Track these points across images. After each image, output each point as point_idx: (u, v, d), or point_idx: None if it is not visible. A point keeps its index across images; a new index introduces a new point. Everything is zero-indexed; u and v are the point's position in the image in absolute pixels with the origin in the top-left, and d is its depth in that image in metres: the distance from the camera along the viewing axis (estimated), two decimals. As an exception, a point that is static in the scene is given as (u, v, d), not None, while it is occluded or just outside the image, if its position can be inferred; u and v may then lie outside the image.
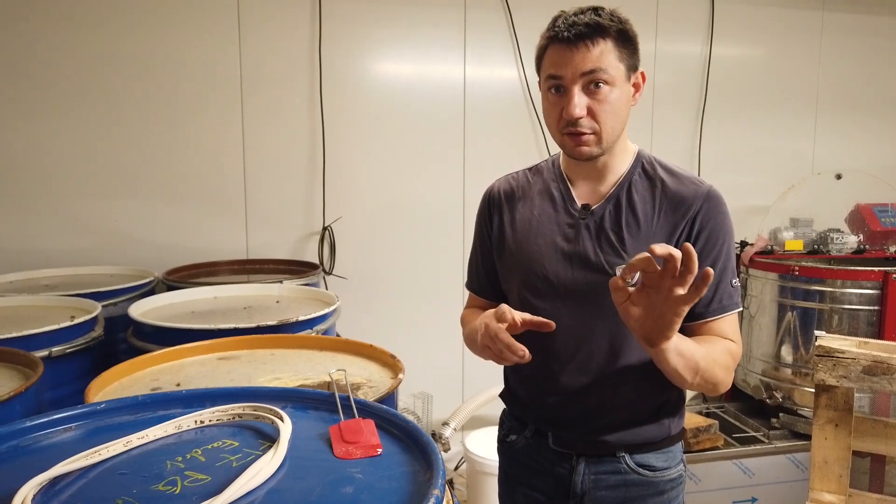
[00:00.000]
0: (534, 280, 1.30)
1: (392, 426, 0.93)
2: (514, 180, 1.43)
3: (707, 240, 1.23)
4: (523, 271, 1.32)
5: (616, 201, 1.29)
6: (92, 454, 0.82)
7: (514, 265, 1.35)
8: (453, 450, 2.87)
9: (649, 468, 1.31)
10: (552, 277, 1.29)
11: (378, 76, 3.05)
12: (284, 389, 1.06)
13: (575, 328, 1.27)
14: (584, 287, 1.26)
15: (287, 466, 0.83)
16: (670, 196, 1.26)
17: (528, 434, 1.40)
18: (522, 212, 1.36)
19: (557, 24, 1.21)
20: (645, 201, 1.27)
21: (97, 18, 2.66)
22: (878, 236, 3.03)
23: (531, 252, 1.32)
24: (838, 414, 1.77)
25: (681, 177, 1.29)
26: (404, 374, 1.40)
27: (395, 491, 0.77)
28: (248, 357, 1.55)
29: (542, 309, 1.27)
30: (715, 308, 1.24)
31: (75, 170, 2.71)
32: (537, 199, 1.36)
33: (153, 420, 0.95)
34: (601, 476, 1.31)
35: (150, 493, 0.76)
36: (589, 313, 1.26)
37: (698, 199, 1.24)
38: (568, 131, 1.22)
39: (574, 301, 1.27)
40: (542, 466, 1.37)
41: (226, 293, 2.20)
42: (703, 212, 1.23)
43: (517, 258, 1.34)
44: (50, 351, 1.65)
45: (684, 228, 1.24)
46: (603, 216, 1.28)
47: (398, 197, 3.12)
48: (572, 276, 1.27)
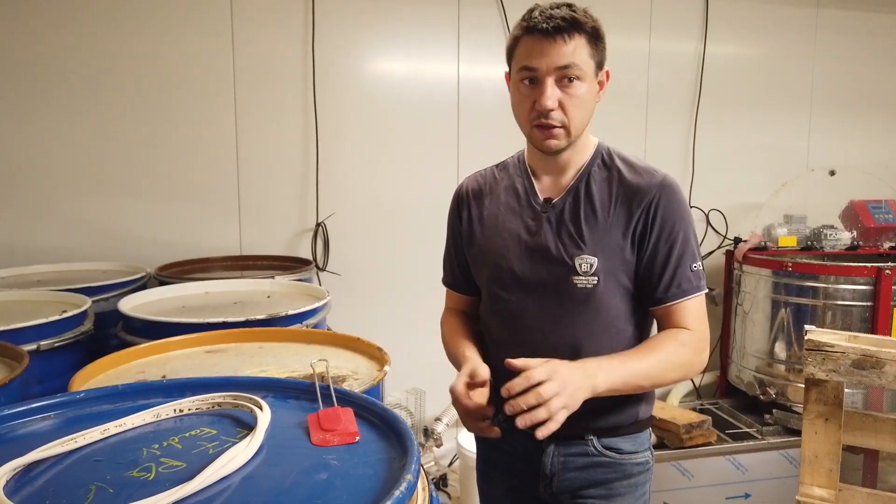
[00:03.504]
0: (500, 273, 1.33)
1: (371, 414, 0.93)
2: (482, 177, 1.45)
3: (662, 227, 1.26)
4: (490, 265, 1.35)
5: (575, 193, 1.30)
6: (68, 441, 0.83)
7: (483, 260, 1.37)
8: (446, 446, 2.87)
9: (616, 451, 1.34)
10: (517, 271, 1.31)
11: (372, 73, 3.05)
12: (265, 379, 1.06)
13: (540, 320, 1.30)
14: (547, 279, 1.28)
15: (264, 454, 0.83)
16: (626, 186, 1.28)
17: (501, 418, 1.36)
18: (489, 208, 1.39)
19: (534, 16, 1.21)
20: (602, 192, 1.29)
21: (89, 17, 2.66)
22: (871, 233, 3.02)
23: (497, 247, 1.34)
24: (828, 408, 1.77)
25: (637, 167, 1.31)
26: (390, 367, 1.41)
27: (370, 477, 0.77)
28: (235, 350, 1.55)
29: (509, 301, 1.33)
30: (674, 293, 1.27)
31: (69, 167, 2.71)
32: (503, 195, 1.38)
33: (133, 409, 0.95)
34: (570, 458, 1.33)
35: (124, 479, 0.76)
36: (553, 305, 1.29)
37: (653, 189, 1.27)
38: (538, 123, 1.24)
39: (538, 293, 1.30)
40: (516, 450, 1.38)
41: (217, 288, 2.20)
42: (657, 200, 1.26)
43: (485, 253, 1.37)
44: (38, 345, 1.65)
45: (640, 218, 1.26)
46: (563, 209, 1.30)
47: (392, 193, 3.11)
48: (535, 270, 1.29)
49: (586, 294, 1.27)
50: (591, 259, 1.26)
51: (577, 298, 1.27)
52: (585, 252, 1.26)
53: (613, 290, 1.27)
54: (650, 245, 1.26)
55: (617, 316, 1.29)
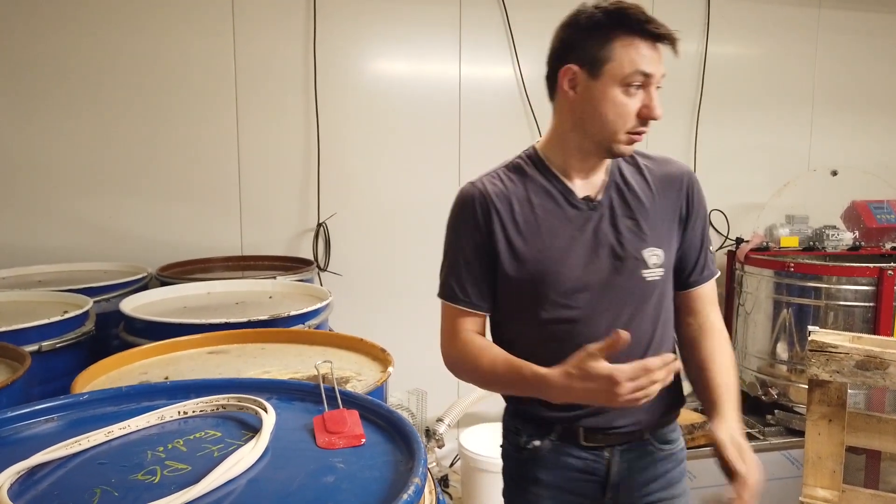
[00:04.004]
0: (564, 282, 1.24)
1: (376, 416, 0.93)
2: (499, 181, 1.32)
3: (697, 213, 1.34)
4: (548, 275, 1.25)
5: (616, 189, 1.30)
6: (72, 444, 0.82)
7: (534, 271, 1.25)
8: (448, 447, 2.86)
9: (668, 442, 1.35)
10: (583, 274, 1.25)
11: (373, 73, 3.04)
12: (270, 381, 1.06)
13: (614, 318, 1.25)
14: (615, 278, 1.25)
15: (269, 456, 0.83)
16: (660, 177, 1.32)
17: (555, 436, 1.33)
18: (522, 213, 1.27)
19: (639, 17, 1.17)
20: (640, 185, 1.31)
21: (90, 16, 2.65)
22: (873, 233, 3.02)
23: (551, 253, 1.25)
24: (831, 409, 1.76)
25: (655, 158, 1.36)
26: (394, 367, 1.40)
27: (377, 480, 0.76)
28: (238, 351, 1.55)
29: (576, 307, 1.25)
30: (706, 274, 1.36)
31: (71, 167, 2.70)
32: (534, 198, 1.28)
33: (137, 411, 0.94)
34: (633, 462, 1.32)
35: (129, 482, 0.76)
36: (623, 304, 1.26)
37: (684, 175, 1.34)
38: (637, 131, 1.22)
39: (611, 293, 1.25)
40: (575, 466, 1.32)
41: (219, 289, 2.19)
42: (690, 185, 1.34)
43: (536, 263, 1.25)
44: (40, 345, 1.65)
45: (682, 204, 1.32)
46: (612, 205, 1.28)
47: (393, 194, 3.11)
48: (603, 269, 1.25)
49: (653, 287, 1.28)
50: (657, 250, 1.28)
51: (646, 293, 1.27)
52: (649, 244, 1.27)
53: (668, 278, 1.31)
54: (689, 229, 1.33)
55: (670, 304, 1.33)
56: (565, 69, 1.21)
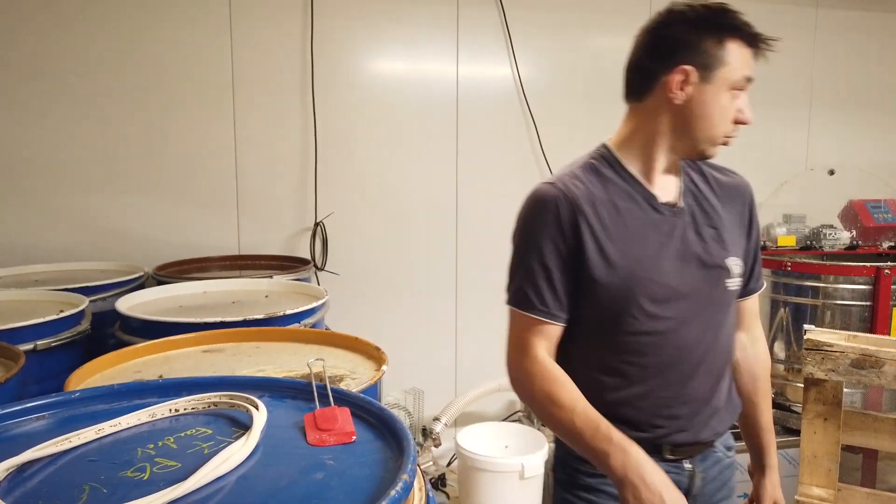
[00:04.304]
0: (655, 289, 1.20)
1: (368, 414, 0.93)
2: (580, 182, 1.22)
3: (756, 224, 1.37)
4: (642, 282, 1.19)
5: (692, 195, 1.28)
6: (62, 441, 0.82)
7: (627, 278, 1.19)
8: (445, 446, 2.86)
9: (730, 448, 1.38)
10: (673, 283, 1.21)
11: (370, 72, 3.04)
12: (262, 378, 1.06)
13: (703, 329, 1.24)
14: (703, 285, 1.23)
15: (260, 454, 0.83)
16: (725, 187, 1.32)
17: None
18: (608, 217, 1.20)
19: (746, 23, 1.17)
20: (708, 192, 1.30)
21: (86, 14, 2.65)
22: (871, 232, 3.02)
23: (644, 260, 1.20)
24: (827, 408, 1.76)
25: (719, 167, 1.36)
26: (388, 366, 1.40)
27: (366, 477, 0.76)
28: (233, 350, 1.55)
29: (667, 318, 1.21)
30: (760, 283, 1.39)
31: (68, 166, 2.70)
32: (618, 202, 1.22)
33: (128, 409, 0.94)
34: (708, 470, 1.31)
35: (119, 479, 0.76)
36: (711, 311, 1.25)
37: (746, 188, 1.36)
38: (731, 135, 1.23)
39: (698, 302, 1.23)
40: None
41: (215, 288, 2.19)
42: (751, 198, 1.36)
43: (629, 270, 1.19)
44: (35, 344, 1.64)
45: (746, 216, 1.33)
46: (692, 212, 1.26)
47: (391, 193, 3.11)
48: (691, 277, 1.22)
49: (732, 297, 1.29)
50: (737, 260, 1.27)
51: (727, 303, 1.28)
52: (731, 253, 1.26)
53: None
54: (751, 238, 1.34)
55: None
56: (679, 70, 1.16)
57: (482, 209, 3.24)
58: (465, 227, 3.23)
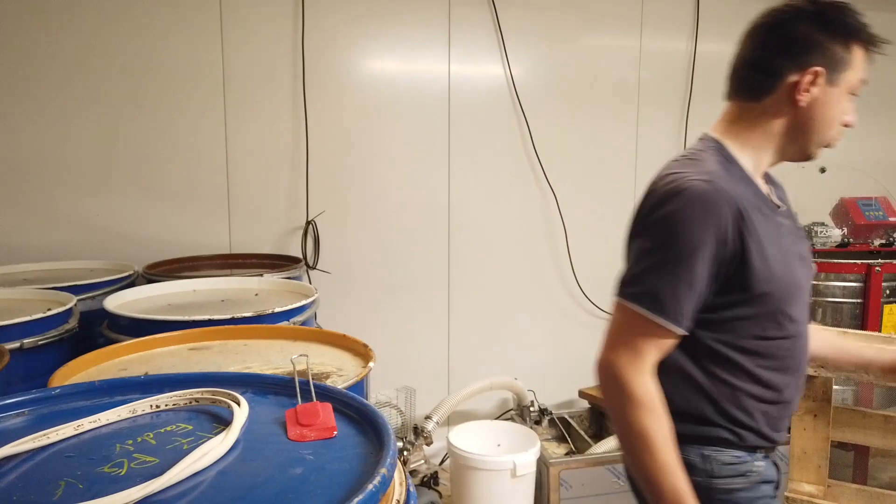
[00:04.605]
0: (795, 293, 1.18)
1: (350, 409, 0.92)
2: (731, 179, 1.14)
3: None
4: (788, 287, 1.16)
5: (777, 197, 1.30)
6: (40, 437, 0.81)
7: (784, 285, 1.14)
8: (437, 444, 2.86)
9: None
10: (801, 287, 1.20)
11: (362, 70, 3.03)
12: (245, 375, 1.05)
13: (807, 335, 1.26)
14: (808, 284, 1.24)
15: (240, 449, 0.82)
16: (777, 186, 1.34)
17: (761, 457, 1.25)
18: (758, 221, 1.13)
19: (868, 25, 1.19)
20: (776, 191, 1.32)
21: (76, 12, 2.64)
22: (862, 230, 3.02)
23: (788, 265, 1.16)
24: (817, 404, 1.77)
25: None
26: (375, 363, 1.39)
27: (345, 472, 0.76)
28: (220, 347, 1.54)
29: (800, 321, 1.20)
30: None
31: (58, 165, 2.69)
32: (754, 201, 1.16)
33: (109, 405, 0.93)
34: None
35: (95, 474, 0.75)
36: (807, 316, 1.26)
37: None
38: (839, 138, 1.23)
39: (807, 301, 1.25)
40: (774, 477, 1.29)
41: (204, 286, 2.18)
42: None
43: (782, 276, 1.14)
44: (21, 343, 1.63)
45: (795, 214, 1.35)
46: (789, 214, 1.28)
47: (382, 192, 3.10)
48: (804, 277, 1.22)
49: None
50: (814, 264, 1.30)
51: None
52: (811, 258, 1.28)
53: None
54: None
55: None
56: (812, 70, 1.13)
57: (474, 208, 3.24)
58: (458, 226, 3.23)
